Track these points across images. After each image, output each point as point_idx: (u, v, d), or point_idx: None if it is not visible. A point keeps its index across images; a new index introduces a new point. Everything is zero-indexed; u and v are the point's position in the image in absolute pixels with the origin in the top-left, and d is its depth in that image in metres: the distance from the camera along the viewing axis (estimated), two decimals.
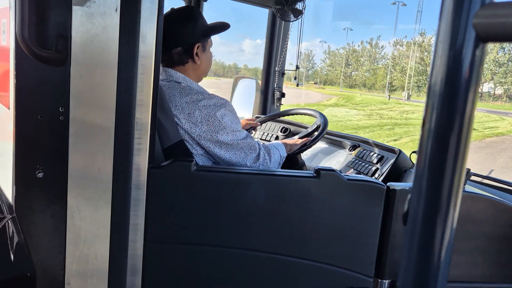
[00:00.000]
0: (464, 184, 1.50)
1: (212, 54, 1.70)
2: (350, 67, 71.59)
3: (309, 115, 2.22)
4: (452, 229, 0.33)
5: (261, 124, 2.50)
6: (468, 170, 1.50)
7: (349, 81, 70.81)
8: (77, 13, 1.10)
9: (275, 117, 2.48)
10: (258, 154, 1.56)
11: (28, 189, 1.16)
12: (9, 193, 1.24)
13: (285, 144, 1.85)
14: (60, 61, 1.12)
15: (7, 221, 1.30)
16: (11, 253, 1.39)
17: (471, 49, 0.33)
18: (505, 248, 1.46)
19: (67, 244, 1.20)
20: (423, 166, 0.34)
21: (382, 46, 68.41)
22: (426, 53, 55.39)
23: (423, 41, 56.61)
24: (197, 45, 1.58)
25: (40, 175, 1.15)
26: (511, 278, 1.48)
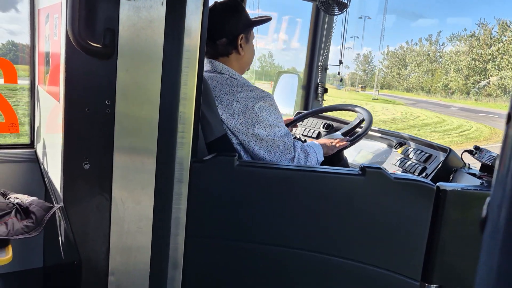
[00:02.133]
0: None
1: (254, 47, 1.70)
2: (407, 68, 64.80)
3: (352, 111, 2.15)
4: None
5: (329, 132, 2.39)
6: None
7: (406, 83, 64.42)
8: (125, 7, 1.11)
9: (317, 113, 2.42)
10: (294, 157, 1.51)
11: (75, 180, 1.19)
12: (58, 184, 1.28)
13: (324, 146, 1.77)
14: (107, 55, 1.13)
15: (56, 209, 1.34)
16: (60, 242, 1.44)
17: None
18: None
19: (111, 235, 1.22)
20: (508, 167, 0.30)
21: (443, 44, 60.90)
22: (489, 48, 48.85)
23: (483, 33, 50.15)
24: (241, 36, 1.59)
25: (87, 166, 1.18)
26: None
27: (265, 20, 1.68)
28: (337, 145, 1.83)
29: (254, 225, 1.31)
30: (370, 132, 2.33)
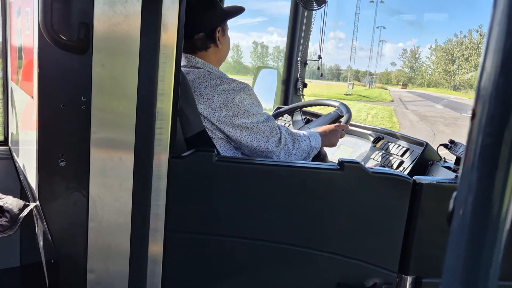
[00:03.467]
0: None
1: (229, 38, 1.70)
2: (455, 64, 58.27)
3: (331, 105, 2.17)
4: (504, 229, 0.30)
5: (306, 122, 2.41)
6: None
7: (452, 81, 58.03)
8: (99, 1, 1.09)
9: (296, 109, 2.44)
10: (280, 138, 1.52)
11: (51, 178, 1.17)
12: (33, 181, 1.25)
13: (323, 135, 1.74)
14: (82, 50, 1.11)
15: (32, 208, 1.32)
16: (37, 240, 1.42)
17: None
18: None
19: (89, 232, 1.21)
20: (473, 161, 0.31)
21: None
22: None
23: None
24: (218, 29, 1.58)
25: (63, 164, 1.16)
26: None
27: (239, 11, 1.67)
28: (336, 132, 1.80)
29: (233, 220, 1.32)
30: (349, 127, 2.36)
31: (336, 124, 1.90)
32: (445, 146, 1.71)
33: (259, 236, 1.33)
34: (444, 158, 1.82)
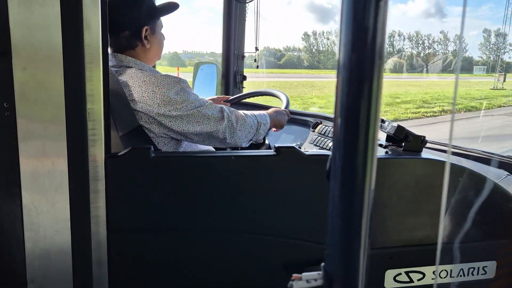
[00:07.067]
0: (420, 151, 1.55)
1: (163, 36, 1.66)
2: None
3: (272, 95, 2.23)
4: (371, 186, 0.34)
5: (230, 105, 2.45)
6: (423, 137, 1.55)
7: None
8: (13, 2, 1.05)
9: (240, 99, 2.47)
10: (223, 116, 1.50)
11: None
12: None
13: (270, 114, 1.75)
14: (0, 54, 1.07)
15: None
16: None
17: (373, 6, 0.34)
18: (463, 209, 1.53)
19: (26, 243, 1.17)
20: (339, 125, 0.35)
21: None
22: None
23: None
24: (145, 28, 1.55)
25: None
26: (470, 238, 1.55)
27: (171, 8, 1.63)
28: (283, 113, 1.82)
29: (175, 214, 1.33)
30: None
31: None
32: None
33: (203, 227, 1.35)
34: None
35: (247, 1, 2.51)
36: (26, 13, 1.07)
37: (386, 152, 1.57)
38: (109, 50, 1.57)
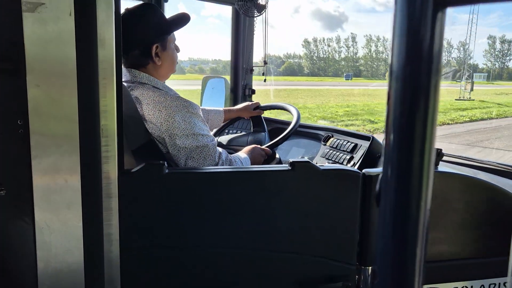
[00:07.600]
0: (437, 164, 1.52)
1: (176, 49, 1.63)
2: None
3: (285, 109, 2.22)
4: (426, 207, 0.32)
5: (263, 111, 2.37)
6: (440, 150, 1.52)
7: None
8: (28, 20, 1.05)
9: (269, 108, 2.41)
10: (217, 163, 1.50)
11: None
12: None
13: (250, 157, 1.71)
14: (14, 71, 1.06)
15: None
16: None
17: (430, 17, 0.32)
18: (482, 223, 1.49)
19: (38, 262, 1.15)
20: (392, 143, 0.33)
21: None
22: None
23: None
24: (155, 46, 1.52)
25: (2, 193, 1.10)
26: (489, 253, 1.52)
27: (182, 21, 1.59)
28: (263, 152, 1.79)
29: (189, 231, 1.30)
30: (299, 129, 2.41)
31: (260, 147, 1.86)
32: None
33: (217, 243, 1.32)
34: None
35: (255, 16, 2.51)
36: (41, 31, 1.06)
37: None
38: (123, 65, 1.56)
